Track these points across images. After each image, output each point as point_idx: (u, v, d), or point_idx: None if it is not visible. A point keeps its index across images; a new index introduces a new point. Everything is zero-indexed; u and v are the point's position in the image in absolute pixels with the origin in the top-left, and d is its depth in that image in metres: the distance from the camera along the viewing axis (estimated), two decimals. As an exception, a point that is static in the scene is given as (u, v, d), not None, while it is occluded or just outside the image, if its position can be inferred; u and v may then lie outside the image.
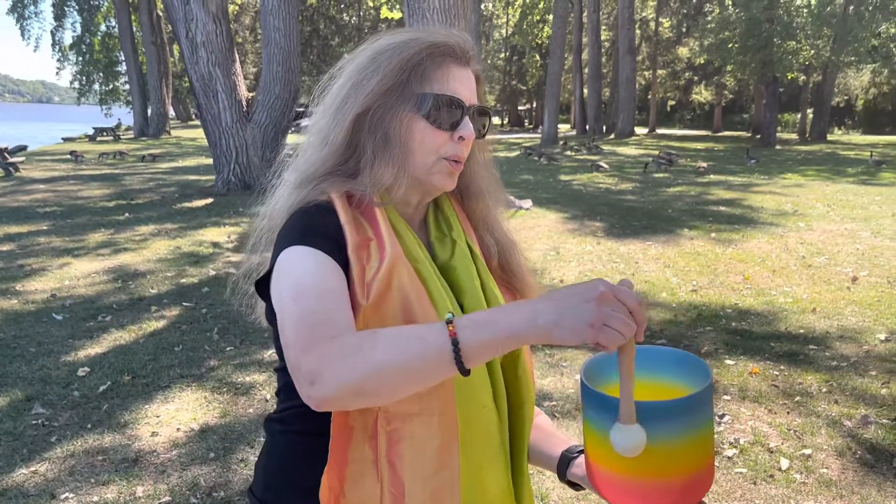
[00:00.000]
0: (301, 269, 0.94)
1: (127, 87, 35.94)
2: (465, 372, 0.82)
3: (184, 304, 5.57)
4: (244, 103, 11.68)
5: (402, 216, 1.09)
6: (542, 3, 40.33)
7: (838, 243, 8.12)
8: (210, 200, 11.06)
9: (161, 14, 30.25)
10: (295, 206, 1.05)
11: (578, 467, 1.14)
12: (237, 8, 36.92)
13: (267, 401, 3.83)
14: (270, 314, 1.03)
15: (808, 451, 3.29)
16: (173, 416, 3.65)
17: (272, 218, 1.10)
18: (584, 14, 36.87)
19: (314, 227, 0.99)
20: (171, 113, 37.27)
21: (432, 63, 1.05)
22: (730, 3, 29.16)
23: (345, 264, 0.97)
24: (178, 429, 3.50)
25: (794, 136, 37.67)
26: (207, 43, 11.18)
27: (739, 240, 8.40)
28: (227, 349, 4.60)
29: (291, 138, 22.22)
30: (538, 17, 41.76)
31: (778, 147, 28.20)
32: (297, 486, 1.05)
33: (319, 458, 1.00)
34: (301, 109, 13.47)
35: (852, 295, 5.93)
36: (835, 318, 5.32)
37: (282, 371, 1.11)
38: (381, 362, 0.80)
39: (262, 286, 1.03)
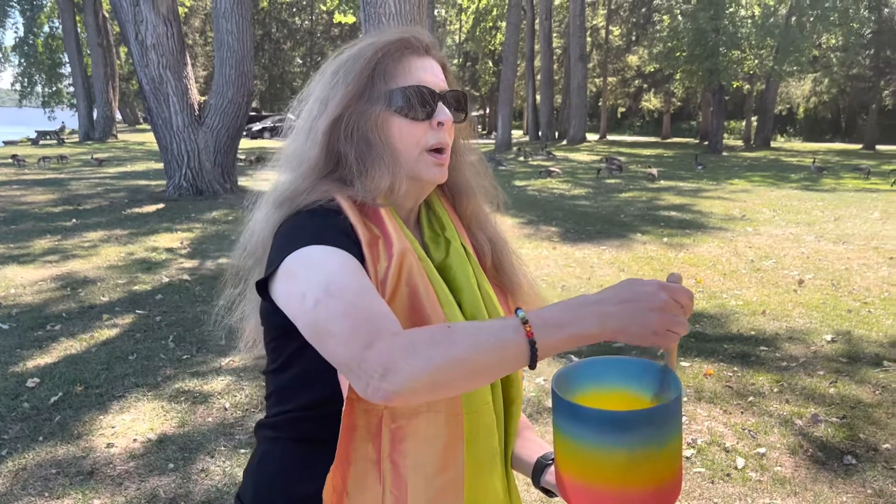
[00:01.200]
0: (328, 266, 0.91)
1: (71, 89, 35.02)
2: (534, 367, 0.85)
3: (137, 311, 5.45)
4: (196, 107, 11.48)
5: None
6: (494, 10, 40.67)
7: (784, 247, 8.37)
8: (161, 206, 10.84)
9: (107, 15, 29.54)
10: (282, 219, 1.04)
11: (552, 475, 1.14)
12: (187, 10, 36.28)
13: (226, 409, 3.77)
14: (272, 315, 1.00)
15: (762, 450, 3.38)
16: (129, 426, 3.57)
17: (254, 234, 1.10)
18: (537, 21, 37.29)
19: (328, 226, 0.98)
20: (118, 116, 36.36)
21: (392, 60, 1.06)
22: (678, 12, 29.84)
23: (362, 262, 0.96)
24: (134, 439, 3.43)
25: (740, 142, 38.69)
26: (158, 45, 10.97)
27: (690, 244, 8.59)
28: (184, 357, 4.52)
29: (245, 143, 21.92)
30: (491, 24, 42.10)
31: (724, 153, 28.93)
32: (291, 493, 1.04)
33: (314, 464, 0.99)
34: (254, 114, 13.33)
35: (799, 297, 6.12)
36: (783, 319, 5.48)
37: (273, 375, 1.08)
38: (459, 356, 0.81)
39: (260, 286, 1.01)
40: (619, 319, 0.83)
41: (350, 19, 29.56)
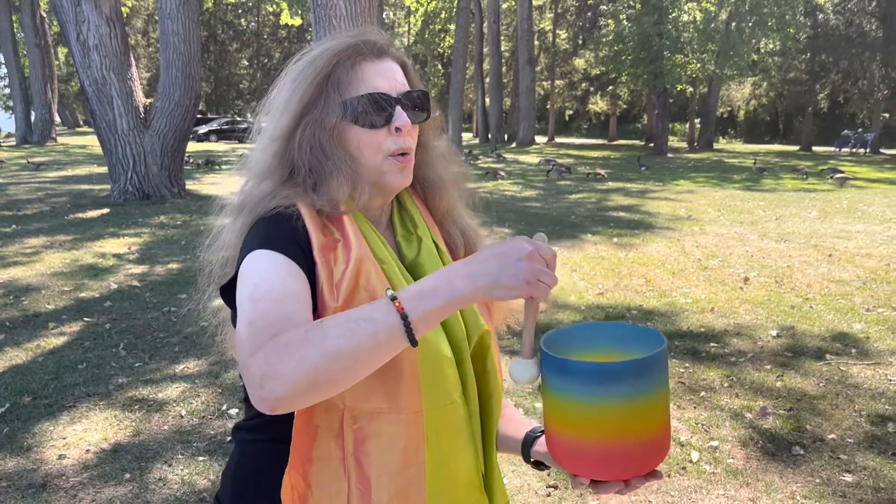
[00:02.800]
0: (260, 272, 0.93)
1: (7, 91, 33.83)
2: (415, 343, 0.85)
3: (85, 319, 5.31)
4: (141, 110, 11.24)
5: (368, 219, 1.10)
6: (443, 13, 40.79)
7: (730, 246, 8.61)
8: (106, 211, 10.57)
9: (45, 15, 28.66)
10: (249, 224, 1.05)
11: (542, 445, 1.16)
12: (128, 10, 35.43)
13: (182, 417, 3.70)
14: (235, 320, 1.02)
15: (715, 443, 3.48)
16: (81, 436, 3.48)
17: (222, 240, 1.11)
18: (485, 25, 37.55)
19: (277, 231, 0.99)
20: (57, 119, 35.26)
21: (345, 69, 1.06)
22: (623, 17, 30.43)
23: (311, 267, 0.97)
24: (87, 450, 3.34)
25: (684, 144, 39.63)
26: (101, 46, 10.70)
27: (640, 244, 8.77)
28: (136, 365, 4.42)
29: (191, 146, 21.47)
30: (440, 27, 42.21)
31: (669, 155, 29.60)
32: (270, 493, 1.04)
33: None
34: (199, 116, 13.10)
35: (745, 294, 6.31)
36: (731, 316, 5.64)
37: None
38: (332, 349, 0.81)
39: (228, 293, 1.02)
40: (489, 275, 0.85)
41: (297, 21, 29.29)
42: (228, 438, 3.46)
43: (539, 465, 1.19)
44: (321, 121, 1.05)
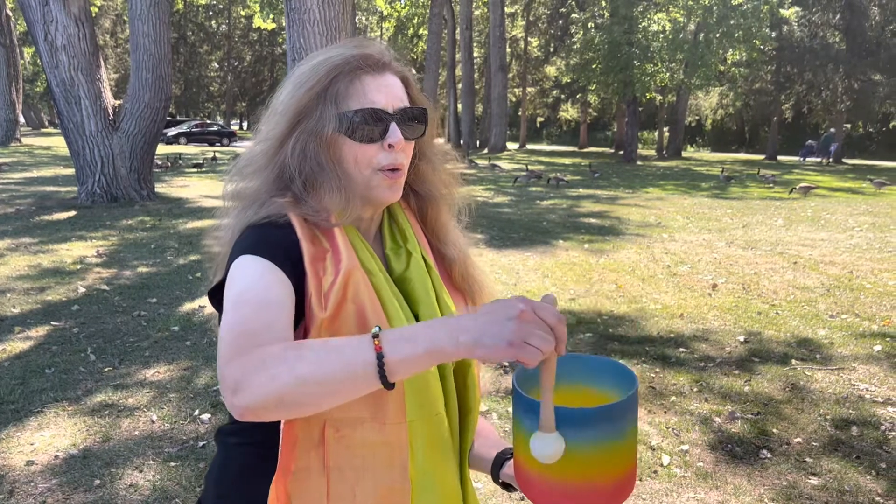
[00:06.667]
0: (246, 279, 0.93)
1: (-30, 90, 33.07)
2: (390, 386, 0.82)
3: (52, 323, 5.22)
4: (110, 111, 11.08)
5: (358, 230, 1.11)
6: (416, 18, 40.86)
7: (698, 253, 8.74)
8: (73, 213, 10.40)
9: (11, 14, 28.14)
10: (243, 225, 1.05)
11: (511, 468, 1.17)
12: (97, 10, 34.92)
13: (153, 422, 3.66)
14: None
15: (685, 447, 3.53)
16: (49, 442, 3.42)
17: (223, 244, 1.11)
18: (458, 31, 37.67)
19: (266, 239, 1.00)
20: (22, 120, 34.60)
21: (344, 81, 1.06)
22: (592, 26, 30.74)
23: (299, 277, 0.98)
24: (56, 456, 3.29)
25: (653, 152, 40.12)
26: (69, 47, 10.54)
27: (610, 250, 8.87)
28: (105, 370, 4.36)
29: (160, 148, 21.21)
30: (412, 33, 42.28)
31: (639, 163, 29.96)
32: (252, 497, 1.04)
33: (275, 468, 1.00)
34: (169, 119, 12.97)
35: (713, 301, 6.41)
36: (699, 322, 5.73)
37: None
38: (304, 374, 0.80)
39: (215, 296, 1.03)
40: (473, 332, 0.81)
41: (270, 25, 29.13)
42: (202, 443, 3.43)
43: (507, 486, 1.20)
44: (316, 130, 1.05)
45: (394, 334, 0.83)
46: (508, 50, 41.36)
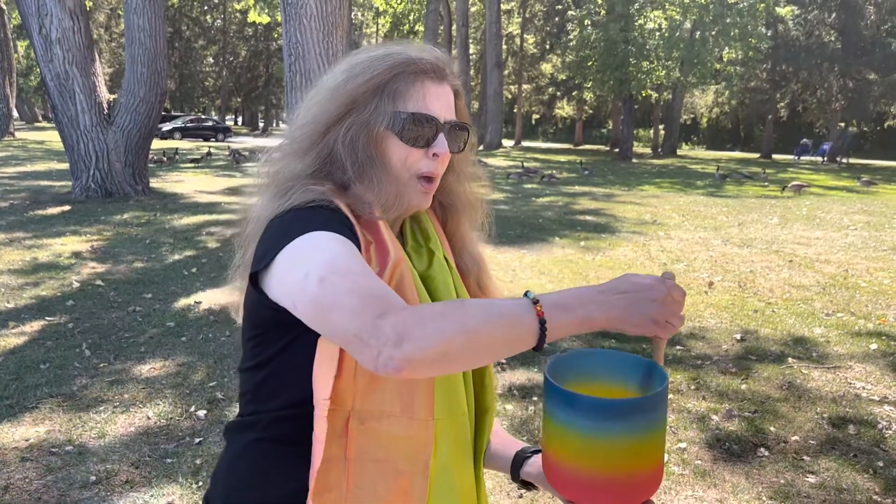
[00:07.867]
0: (333, 248, 0.90)
1: (-37, 83, 32.89)
2: (540, 349, 0.87)
3: (47, 318, 5.19)
4: (105, 105, 11.03)
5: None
6: (412, 14, 40.79)
7: (694, 251, 8.75)
8: (67, 208, 10.35)
9: (5, 7, 27.98)
10: (286, 208, 1.01)
11: (531, 466, 1.18)
12: (91, 4, 34.75)
13: (149, 418, 3.64)
14: (259, 307, 1.00)
15: (683, 445, 3.53)
16: (45, 438, 3.40)
17: (255, 222, 1.06)
18: (454, 28, 37.63)
19: (332, 218, 0.98)
20: (15, 114, 34.43)
21: (405, 81, 1.06)
22: (589, 23, 30.74)
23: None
24: (51, 452, 3.27)
25: (649, 150, 40.17)
26: (64, 40, 10.49)
27: (606, 247, 8.87)
28: (101, 365, 4.34)
29: (155, 143, 21.14)
30: (408, 29, 42.18)
31: (634, 160, 29.98)
32: (262, 496, 1.03)
33: (285, 467, 0.99)
34: (164, 113, 12.92)
35: (710, 299, 6.42)
36: (696, 320, 5.74)
37: (249, 372, 1.06)
38: (471, 327, 0.82)
39: (253, 278, 0.99)
40: (621, 308, 0.88)
41: (265, 19, 29.03)
42: (198, 440, 3.42)
43: (526, 484, 1.20)
44: (367, 122, 1.05)
45: (551, 301, 0.87)
46: (504, 47, 41.32)
